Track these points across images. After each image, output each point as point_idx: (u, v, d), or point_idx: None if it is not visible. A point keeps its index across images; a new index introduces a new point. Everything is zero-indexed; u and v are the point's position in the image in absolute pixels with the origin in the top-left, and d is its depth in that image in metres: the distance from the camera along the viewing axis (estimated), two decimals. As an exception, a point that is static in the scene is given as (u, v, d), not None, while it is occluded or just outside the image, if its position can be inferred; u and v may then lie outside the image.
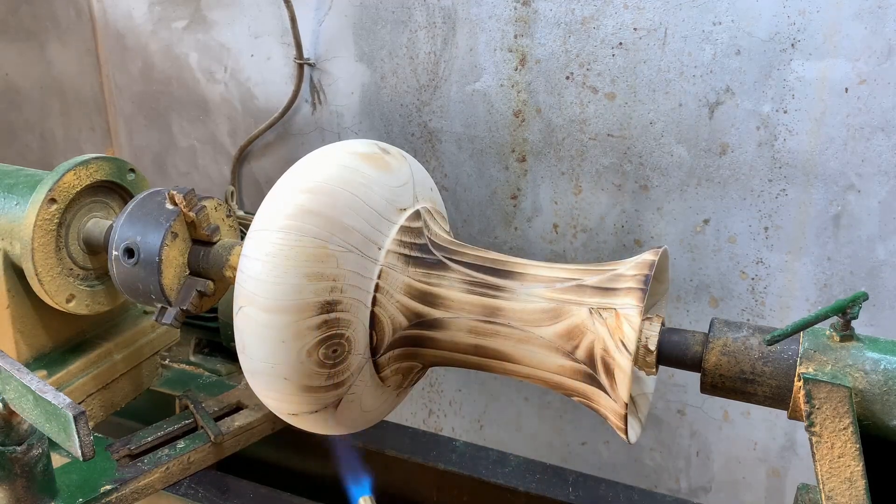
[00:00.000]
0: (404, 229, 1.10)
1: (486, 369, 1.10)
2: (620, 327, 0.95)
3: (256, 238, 1.03)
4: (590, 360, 0.99)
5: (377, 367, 1.10)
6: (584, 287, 1.01)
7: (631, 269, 1.00)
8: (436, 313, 1.07)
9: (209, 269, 1.27)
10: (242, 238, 1.28)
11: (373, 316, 1.06)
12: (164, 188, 1.33)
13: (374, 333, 1.07)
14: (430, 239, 1.12)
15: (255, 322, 1.02)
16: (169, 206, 1.26)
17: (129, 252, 1.25)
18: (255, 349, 1.03)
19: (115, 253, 1.27)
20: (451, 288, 1.07)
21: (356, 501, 1.02)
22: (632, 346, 0.94)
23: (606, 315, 0.97)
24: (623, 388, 0.94)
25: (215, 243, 1.28)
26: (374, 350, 1.08)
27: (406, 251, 1.09)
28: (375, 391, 1.13)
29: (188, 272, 1.28)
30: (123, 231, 1.27)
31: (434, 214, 1.19)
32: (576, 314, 1.00)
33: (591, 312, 0.99)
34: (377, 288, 1.06)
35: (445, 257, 1.10)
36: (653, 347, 0.98)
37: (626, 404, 0.94)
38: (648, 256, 1.01)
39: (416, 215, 1.13)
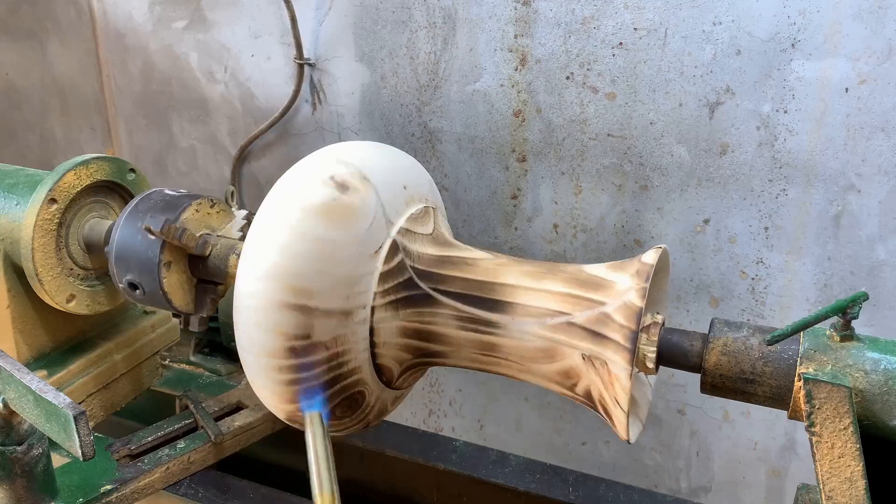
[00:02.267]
0: (385, 275, 1.05)
1: (492, 373, 1.13)
2: (612, 385, 0.96)
3: (238, 309, 1.02)
4: (588, 398, 1.01)
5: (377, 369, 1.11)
6: (573, 326, 0.99)
7: (618, 311, 0.96)
8: (436, 347, 1.08)
9: (212, 276, 1.28)
10: (242, 238, 1.28)
11: (377, 365, 1.08)
12: (160, 188, 1.33)
13: (383, 375, 1.10)
14: (413, 268, 1.07)
15: None
16: (151, 237, 1.25)
17: (133, 286, 1.26)
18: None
19: (120, 285, 1.28)
20: (446, 325, 1.06)
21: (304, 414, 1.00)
22: (625, 405, 0.94)
23: (598, 365, 0.97)
24: (622, 429, 0.97)
25: (208, 257, 1.27)
26: (386, 383, 1.12)
27: (392, 296, 1.06)
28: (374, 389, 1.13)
29: (195, 281, 1.29)
30: (120, 270, 1.27)
31: (415, 219, 1.11)
32: (569, 356, 1.00)
33: (584, 358, 0.99)
34: (374, 344, 1.06)
35: (432, 288, 1.06)
36: (653, 349, 0.99)
37: (627, 440, 0.97)
38: (635, 301, 0.95)
39: (394, 249, 1.06)
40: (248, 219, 1.31)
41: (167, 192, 1.31)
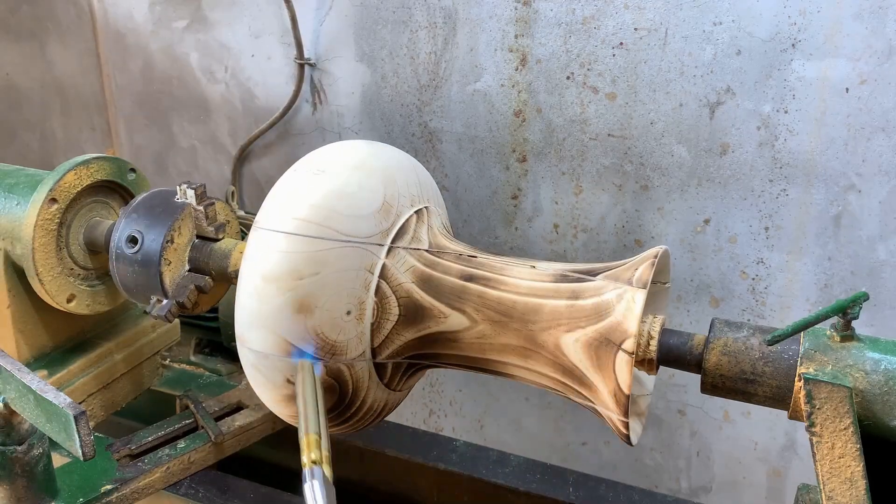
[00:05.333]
0: (378, 369, 1.10)
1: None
2: (616, 426, 0.99)
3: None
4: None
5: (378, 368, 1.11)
6: (568, 387, 1.03)
7: (609, 418, 0.99)
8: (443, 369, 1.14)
9: (210, 265, 1.27)
10: (243, 237, 1.28)
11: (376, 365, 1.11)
12: (165, 188, 1.33)
13: (383, 377, 1.14)
14: (406, 358, 1.10)
15: None
16: (178, 198, 1.27)
17: (133, 240, 1.25)
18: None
19: (116, 244, 1.27)
20: (452, 368, 1.12)
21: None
22: (624, 435, 0.98)
23: (601, 417, 1.02)
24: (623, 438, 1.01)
25: (219, 240, 1.28)
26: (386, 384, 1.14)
27: (396, 375, 1.13)
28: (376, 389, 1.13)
29: (189, 268, 1.28)
30: (128, 223, 1.27)
31: (381, 323, 1.07)
32: (572, 396, 1.04)
33: (588, 408, 1.03)
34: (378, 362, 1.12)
35: (430, 363, 1.11)
36: (653, 349, 0.99)
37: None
38: (620, 428, 0.98)
39: (381, 368, 1.10)
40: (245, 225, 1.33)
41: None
